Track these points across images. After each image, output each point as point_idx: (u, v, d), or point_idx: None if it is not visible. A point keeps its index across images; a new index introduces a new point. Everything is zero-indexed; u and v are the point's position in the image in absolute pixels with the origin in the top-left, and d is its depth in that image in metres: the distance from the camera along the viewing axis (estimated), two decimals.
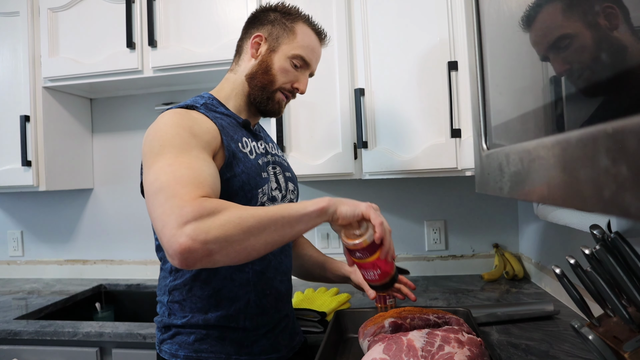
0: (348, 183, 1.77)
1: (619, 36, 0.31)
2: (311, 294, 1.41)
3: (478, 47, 0.63)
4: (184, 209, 0.63)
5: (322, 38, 0.98)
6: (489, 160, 0.58)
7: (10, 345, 1.29)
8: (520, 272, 1.58)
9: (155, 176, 0.70)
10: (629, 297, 0.55)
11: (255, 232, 0.66)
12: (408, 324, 0.89)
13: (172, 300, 0.87)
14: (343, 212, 0.75)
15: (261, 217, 0.67)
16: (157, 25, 1.53)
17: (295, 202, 1.02)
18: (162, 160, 0.72)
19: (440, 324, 0.90)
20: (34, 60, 1.64)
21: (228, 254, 0.64)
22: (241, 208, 0.68)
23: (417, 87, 1.32)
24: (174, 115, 0.81)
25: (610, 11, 0.31)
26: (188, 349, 0.85)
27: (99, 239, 1.95)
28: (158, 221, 0.65)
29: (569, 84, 0.39)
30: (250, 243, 0.66)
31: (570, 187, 0.32)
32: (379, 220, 0.75)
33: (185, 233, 0.61)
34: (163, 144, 0.74)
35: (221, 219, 0.64)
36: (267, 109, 0.95)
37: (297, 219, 0.71)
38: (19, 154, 1.61)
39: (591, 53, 0.35)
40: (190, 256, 0.62)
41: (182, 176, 0.69)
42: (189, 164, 0.71)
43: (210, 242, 0.62)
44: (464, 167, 1.23)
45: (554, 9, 0.42)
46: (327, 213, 0.74)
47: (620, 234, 0.56)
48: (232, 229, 0.64)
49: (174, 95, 1.87)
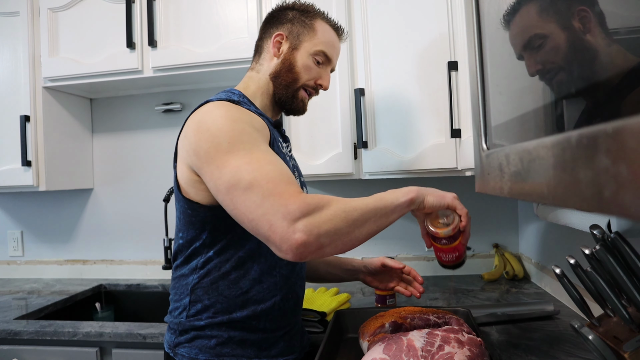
0: (348, 183, 1.77)
1: (592, 39, 0.31)
2: (311, 294, 1.41)
3: (478, 46, 0.63)
4: (289, 206, 0.66)
5: (340, 33, 0.99)
6: (489, 160, 0.58)
7: (10, 345, 1.29)
8: (520, 272, 1.58)
9: (235, 175, 0.70)
10: (629, 297, 0.55)
11: (359, 224, 0.70)
12: (408, 324, 0.89)
13: (195, 299, 0.86)
14: (430, 202, 0.80)
15: (363, 210, 0.71)
16: (157, 25, 1.53)
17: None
18: (237, 157, 0.71)
19: (440, 324, 0.90)
20: (34, 60, 1.64)
21: (337, 246, 0.68)
22: (341, 201, 0.70)
23: (417, 87, 1.32)
24: (229, 108, 0.79)
25: (584, 14, 0.31)
26: (209, 353, 0.84)
27: (99, 239, 1.95)
28: (262, 221, 0.67)
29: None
30: (355, 235, 0.70)
31: (570, 187, 0.32)
32: (465, 210, 0.83)
33: (299, 229, 0.64)
34: (232, 140, 0.73)
35: (328, 213, 0.67)
36: (292, 108, 0.95)
37: (392, 209, 0.75)
38: (19, 154, 1.61)
39: (563, 55, 0.35)
40: (305, 250, 0.65)
41: (269, 173, 0.69)
42: (268, 160, 0.72)
43: (323, 236, 0.66)
44: (464, 167, 1.23)
45: (530, 9, 0.42)
46: (415, 203, 0.79)
47: (620, 234, 0.56)
48: (340, 222, 0.68)
49: (174, 95, 1.87)
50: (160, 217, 1.80)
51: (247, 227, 0.70)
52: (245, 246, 0.84)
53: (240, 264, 0.85)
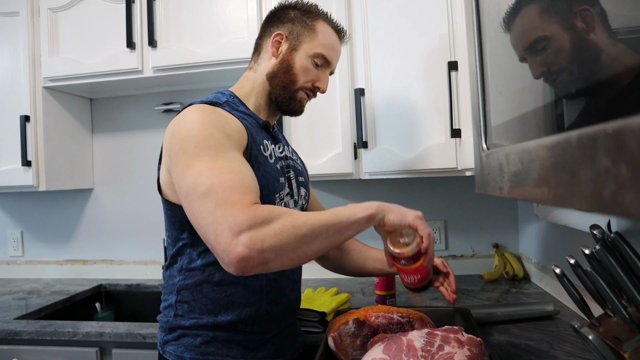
0: (348, 183, 1.77)
1: (596, 39, 0.31)
2: (311, 294, 1.41)
3: (478, 47, 0.63)
4: (237, 217, 0.64)
5: (341, 36, 0.97)
6: (489, 160, 0.58)
7: (10, 345, 1.29)
8: (520, 272, 1.58)
9: (195, 180, 0.69)
10: (629, 297, 0.55)
11: (308, 240, 0.67)
12: (372, 322, 0.90)
13: (181, 300, 0.86)
14: (391, 220, 0.76)
15: (313, 225, 0.68)
16: (157, 25, 1.53)
17: (306, 206, 1.01)
18: (200, 163, 0.71)
19: (403, 323, 0.91)
20: (34, 60, 1.64)
21: (282, 262, 0.66)
22: (293, 215, 0.68)
23: (417, 87, 1.32)
24: (203, 112, 0.79)
25: (587, 14, 0.31)
26: (194, 351, 0.84)
27: (99, 239, 1.95)
28: (209, 229, 0.66)
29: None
30: (303, 251, 0.67)
31: (570, 187, 0.32)
32: (427, 231, 0.77)
33: (242, 242, 0.63)
34: (198, 145, 0.73)
35: (275, 227, 0.65)
36: (289, 108, 0.94)
37: (347, 225, 0.71)
38: (19, 154, 1.61)
39: (568, 56, 0.35)
40: (247, 264, 0.63)
41: (227, 181, 0.69)
42: (230, 167, 0.71)
43: (266, 251, 0.64)
44: (464, 167, 1.23)
45: (531, 11, 0.42)
46: (375, 219, 0.75)
47: (620, 234, 0.56)
48: (287, 237, 0.65)
49: (174, 95, 1.87)
50: (160, 217, 1.80)
51: (199, 233, 0.69)
52: None
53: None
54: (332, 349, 0.88)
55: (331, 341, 0.88)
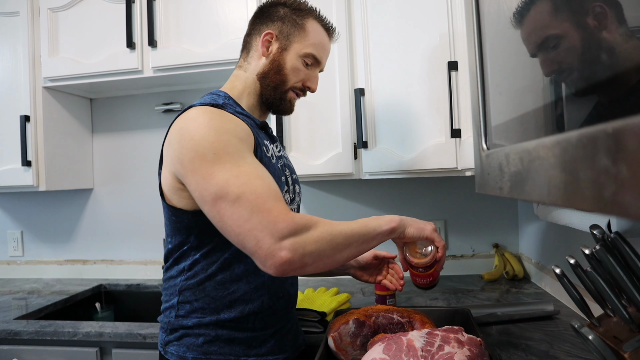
0: (348, 183, 1.77)
1: (608, 37, 0.30)
2: (311, 294, 1.41)
3: (478, 47, 0.63)
4: (277, 224, 0.68)
5: (331, 34, 0.97)
6: (489, 160, 0.58)
7: (10, 345, 1.29)
8: (520, 272, 1.58)
9: (223, 188, 0.70)
10: (629, 297, 0.55)
11: (342, 248, 0.74)
12: (372, 322, 0.90)
13: (183, 300, 0.86)
14: (410, 233, 0.84)
15: (347, 235, 0.75)
16: (157, 25, 1.53)
17: (299, 202, 1.01)
18: (224, 170, 0.72)
19: (403, 323, 0.91)
20: (34, 60, 1.64)
21: (317, 266, 0.72)
22: (328, 224, 0.74)
23: (417, 87, 1.32)
24: (212, 115, 0.78)
25: (600, 11, 0.31)
26: (197, 351, 0.84)
27: (99, 239, 1.95)
28: (249, 235, 0.69)
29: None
30: (336, 257, 0.74)
31: (570, 187, 0.32)
32: (442, 243, 0.87)
33: (285, 247, 0.67)
34: (217, 152, 0.73)
35: (314, 235, 0.71)
36: (280, 109, 0.94)
37: (373, 236, 0.79)
38: (19, 154, 1.61)
39: (579, 54, 0.35)
40: (288, 267, 0.68)
41: (257, 188, 0.71)
42: (256, 174, 0.74)
43: (307, 256, 0.69)
44: (464, 167, 1.23)
45: (543, 8, 0.42)
46: (396, 232, 0.82)
47: (620, 234, 0.56)
48: (325, 245, 0.71)
49: (174, 95, 1.87)
50: (160, 217, 1.80)
51: (233, 240, 0.72)
52: (231, 248, 0.83)
53: (227, 265, 0.85)
54: (332, 349, 0.88)
55: (331, 341, 0.88)
